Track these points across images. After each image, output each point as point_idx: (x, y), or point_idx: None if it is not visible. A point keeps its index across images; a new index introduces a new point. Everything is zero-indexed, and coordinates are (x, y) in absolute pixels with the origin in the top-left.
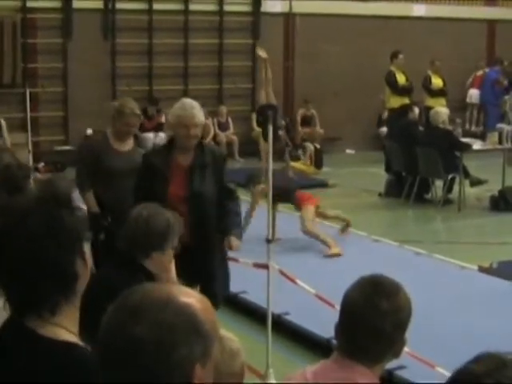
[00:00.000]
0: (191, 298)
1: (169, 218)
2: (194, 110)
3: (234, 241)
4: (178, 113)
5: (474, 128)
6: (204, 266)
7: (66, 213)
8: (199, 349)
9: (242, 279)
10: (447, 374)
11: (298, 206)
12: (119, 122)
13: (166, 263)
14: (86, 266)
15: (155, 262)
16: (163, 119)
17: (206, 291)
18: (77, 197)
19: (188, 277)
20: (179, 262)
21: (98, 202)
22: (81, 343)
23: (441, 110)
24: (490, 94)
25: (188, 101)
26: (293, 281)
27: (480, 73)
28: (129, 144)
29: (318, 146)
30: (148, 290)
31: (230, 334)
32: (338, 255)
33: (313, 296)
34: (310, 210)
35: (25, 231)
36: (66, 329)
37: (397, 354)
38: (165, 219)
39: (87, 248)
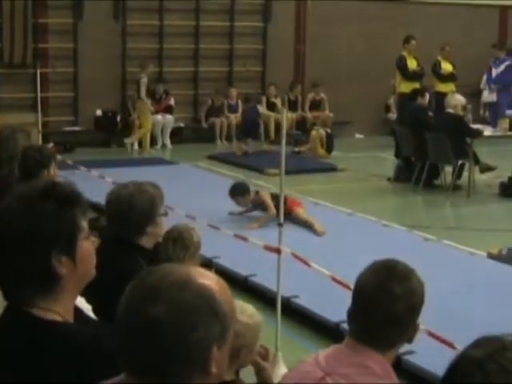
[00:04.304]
0: (209, 279)
1: (148, 189)
2: None
3: None
4: None
5: (487, 114)
6: None
7: (49, 210)
8: (217, 330)
9: (252, 262)
10: None
11: (289, 210)
12: None
13: (159, 233)
14: (73, 265)
15: (149, 236)
16: (172, 102)
17: None
18: None
19: None
20: None
21: None
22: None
23: (458, 96)
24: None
25: None
26: (306, 263)
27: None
28: None
29: (328, 131)
30: (167, 271)
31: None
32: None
33: (323, 280)
34: (301, 212)
35: (3, 225)
36: (58, 314)
37: (410, 339)
38: (146, 193)
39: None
